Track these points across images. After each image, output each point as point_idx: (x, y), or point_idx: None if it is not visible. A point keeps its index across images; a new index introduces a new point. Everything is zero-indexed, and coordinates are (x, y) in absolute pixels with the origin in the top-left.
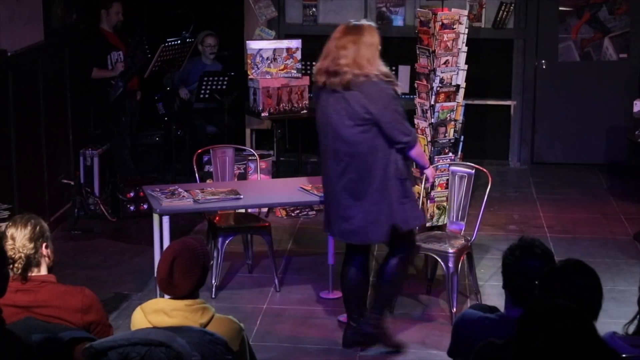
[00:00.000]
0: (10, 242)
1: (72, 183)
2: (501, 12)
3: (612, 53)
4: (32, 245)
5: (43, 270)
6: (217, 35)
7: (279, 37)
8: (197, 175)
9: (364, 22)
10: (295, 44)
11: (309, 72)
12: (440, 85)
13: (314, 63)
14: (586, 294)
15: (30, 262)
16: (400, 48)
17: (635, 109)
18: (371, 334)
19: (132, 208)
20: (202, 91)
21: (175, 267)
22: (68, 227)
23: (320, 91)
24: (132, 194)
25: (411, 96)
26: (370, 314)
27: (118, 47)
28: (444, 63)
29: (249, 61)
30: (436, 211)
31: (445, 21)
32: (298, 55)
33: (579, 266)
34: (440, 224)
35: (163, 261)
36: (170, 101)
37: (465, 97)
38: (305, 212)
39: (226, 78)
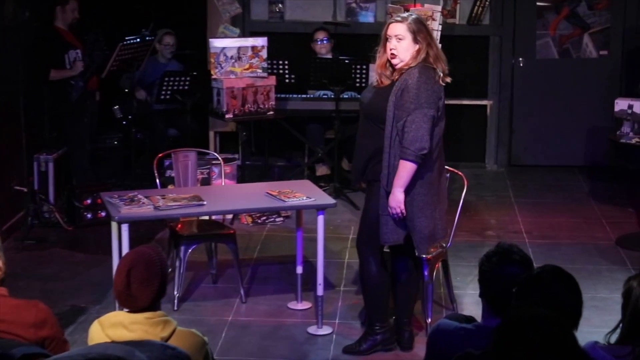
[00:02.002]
0: None
1: (25, 190)
2: (476, 7)
3: (592, 50)
4: None
5: None
6: (176, 34)
7: (244, 34)
8: (157, 180)
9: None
10: (261, 41)
11: (275, 71)
12: None
13: (280, 62)
14: (565, 301)
15: None
16: (371, 46)
17: (617, 108)
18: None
19: (89, 216)
20: (163, 92)
21: (131, 278)
22: (21, 237)
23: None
24: (89, 201)
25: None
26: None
27: (75, 46)
28: None
29: (212, 60)
30: None
31: None
32: (264, 53)
33: (557, 273)
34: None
35: (119, 273)
36: (127, 104)
37: None
38: (272, 219)
39: (188, 78)
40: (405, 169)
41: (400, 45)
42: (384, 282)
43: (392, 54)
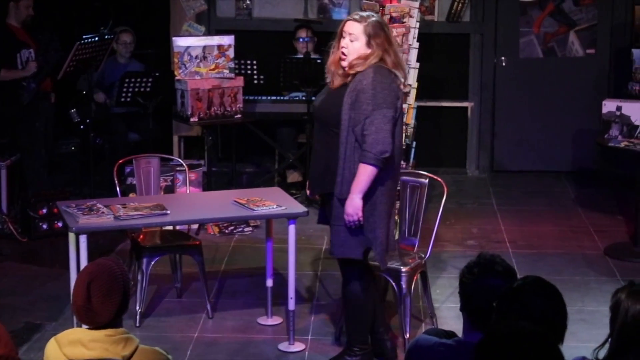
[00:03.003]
0: None
1: None
2: (456, 3)
3: (579, 48)
4: None
5: None
6: (136, 32)
7: (209, 32)
8: (118, 188)
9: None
10: (228, 40)
11: (242, 72)
12: None
13: (248, 62)
14: (548, 315)
15: None
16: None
17: (605, 110)
18: None
19: (44, 226)
20: (123, 94)
21: (92, 291)
22: None
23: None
24: (44, 211)
25: None
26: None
27: (28, 45)
28: None
29: (175, 60)
30: None
31: (394, 14)
32: (231, 53)
33: (538, 284)
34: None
35: (78, 287)
36: (85, 107)
37: (417, 98)
38: (240, 229)
39: (150, 79)
40: (366, 173)
41: (352, 46)
42: (368, 301)
43: (342, 52)
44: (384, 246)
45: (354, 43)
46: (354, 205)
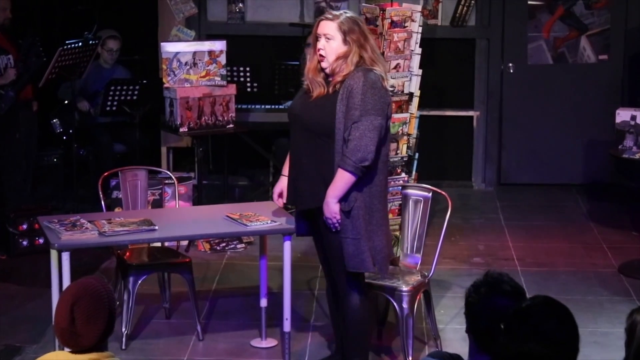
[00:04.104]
0: None
1: None
2: (461, 7)
3: (590, 54)
4: None
5: None
6: (123, 37)
7: (200, 37)
8: (103, 202)
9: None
10: (219, 45)
11: (235, 79)
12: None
13: (241, 68)
14: (559, 337)
15: None
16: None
17: (618, 120)
18: None
19: (25, 243)
20: (109, 103)
21: (75, 313)
22: None
23: None
24: (25, 226)
25: None
26: None
27: (7, 50)
28: (395, 67)
29: (164, 67)
30: None
31: (395, 18)
32: (222, 59)
33: (549, 304)
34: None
35: (60, 308)
36: (68, 116)
37: (420, 107)
38: (232, 245)
39: (137, 87)
40: (343, 180)
41: (329, 46)
42: (367, 316)
43: (320, 55)
44: (384, 254)
45: (330, 42)
46: (331, 210)
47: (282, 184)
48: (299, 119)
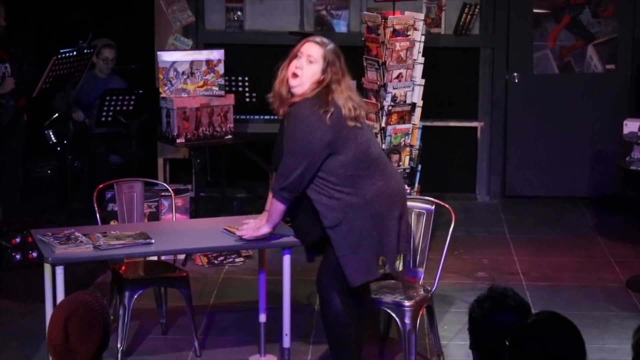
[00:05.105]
0: None
1: None
2: (464, 15)
3: (597, 64)
4: None
5: None
6: (118, 46)
7: (197, 46)
8: (98, 215)
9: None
10: (217, 54)
11: (233, 89)
12: (392, 103)
13: (239, 78)
14: (565, 353)
15: None
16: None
17: (626, 131)
18: None
19: (18, 257)
20: (104, 113)
21: (69, 329)
22: None
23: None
24: (18, 240)
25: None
26: None
27: (3, 59)
28: (397, 77)
29: (160, 76)
30: None
31: (397, 27)
32: (220, 68)
33: (555, 320)
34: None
35: (54, 324)
36: (62, 126)
37: (423, 118)
38: (231, 259)
39: (133, 97)
40: (272, 207)
41: (309, 68)
42: (351, 320)
43: (294, 72)
44: (394, 252)
45: (311, 65)
46: (257, 231)
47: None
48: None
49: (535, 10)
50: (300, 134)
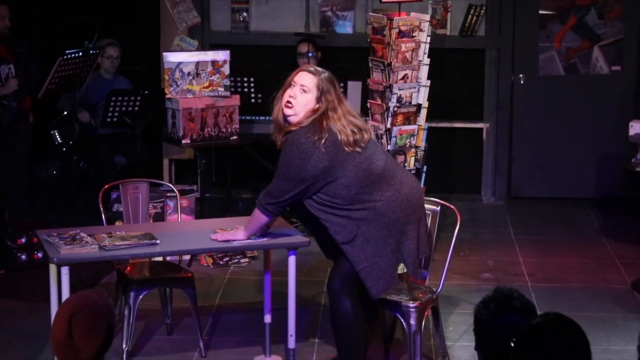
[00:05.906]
0: None
1: None
2: (470, 16)
3: (603, 65)
4: None
5: None
6: (124, 46)
7: (203, 47)
8: (103, 216)
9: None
10: (223, 55)
11: (239, 90)
12: (397, 104)
13: (245, 79)
14: (570, 355)
15: None
16: (349, 60)
17: (632, 132)
18: None
19: (23, 257)
20: (109, 114)
21: (74, 326)
22: None
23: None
24: (23, 240)
25: (366, 118)
26: None
27: (7, 60)
28: (402, 78)
29: (166, 77)
30: None
31: (403, 28)
32: (226, 69)
33: (560, 322)
34: (399, 272)
35: (58, 321)
36: (68, 127)
37: (428, 119)
38: (236, 260)
39: (138, 98)
40: (253, 216)
41: (303, 97)
42: (360, 324)
43: (288, 102)
44: (414, 257)
45: (305, 95)
46: (236, 236)
47: None
48: None
49: (541, 12)
50: (294, 160)
